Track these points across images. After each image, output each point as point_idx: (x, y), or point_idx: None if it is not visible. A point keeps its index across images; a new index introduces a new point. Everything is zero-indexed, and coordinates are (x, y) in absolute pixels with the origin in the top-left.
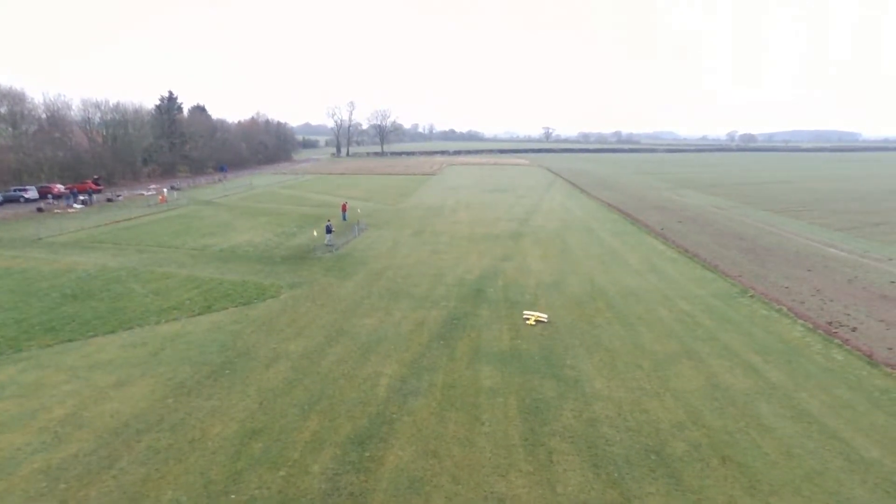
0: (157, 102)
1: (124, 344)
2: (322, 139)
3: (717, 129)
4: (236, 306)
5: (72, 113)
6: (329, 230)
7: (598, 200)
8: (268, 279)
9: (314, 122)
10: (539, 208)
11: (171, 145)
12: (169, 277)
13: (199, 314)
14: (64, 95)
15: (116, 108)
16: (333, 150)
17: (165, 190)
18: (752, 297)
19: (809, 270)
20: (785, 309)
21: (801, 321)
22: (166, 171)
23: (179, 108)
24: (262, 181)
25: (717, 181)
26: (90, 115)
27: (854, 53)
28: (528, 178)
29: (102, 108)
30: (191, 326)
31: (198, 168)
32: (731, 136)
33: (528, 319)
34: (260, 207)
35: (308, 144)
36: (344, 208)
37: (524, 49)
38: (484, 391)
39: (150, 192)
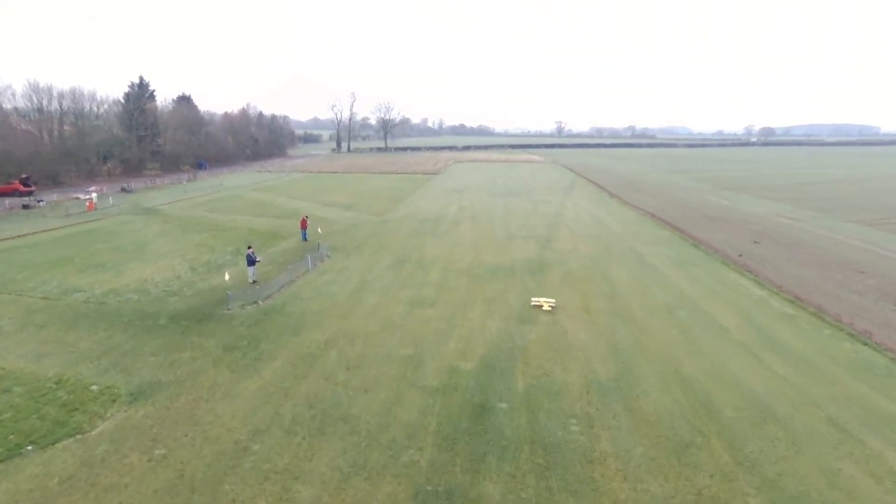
0: (126, 90)
1: None
2: (326, 133)
3: (730, 124)
4: None
5: (16, 100)
6: (251, 261)
7: (633, 207)
8: (107, 374)
9: (323, 117)
10: (563, 220)
11: (138, 139)
12: None
13: None
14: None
15: (72, 94)
16: (334, 145)
17: (95, 195)
18: None
19: None
20: None
21: None
22: (131, 169)
23: (152, 97)
24: (236, 181)
25: (763, 182)
26: (40, 103)
27: (865, 45)
28: (543, 177)
29: (55, 94)
30: None
31: (172, 164)
32: (748, 131)
33: (540, 306)
34: (207, 219)
35: (310, 139)
36: (303, 225)
37: (535, 43)
38: None
39: (87, 196)
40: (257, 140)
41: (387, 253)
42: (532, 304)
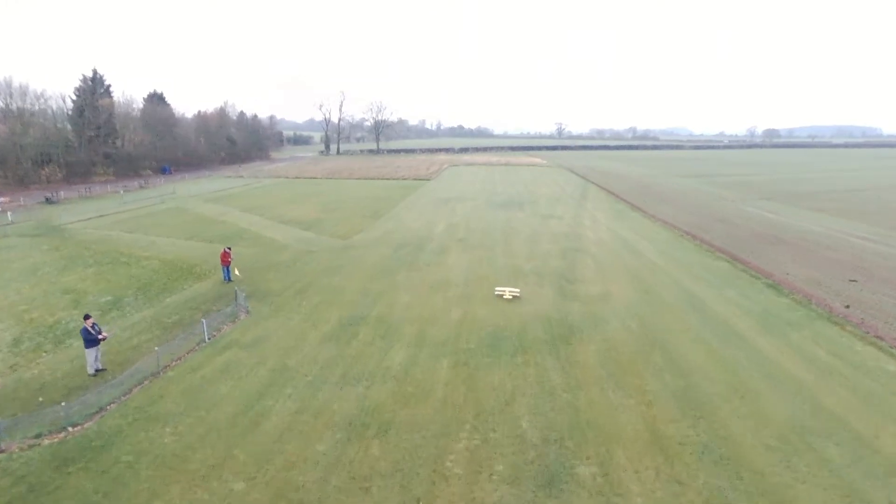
0: (78, 84)
1: None
2: (318, 135)
3: (732, 125)
4: None
5: None
6: (91, 341)
7: (663, 223)
8: None
9: (319, 118)
10: (582, 243)
11: (88, 140)
12: None
13: None
14: None
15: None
16: (323, 147)
17: None
18: None
19: None
20: None
21: None
22: (77, 174)
23: (107, 92)
24: (195, 188)
25: (796, 188)
26: None
27: (865, 46)
28: (549, 183)
29: None
30: None
31: (130, 169)
32: (751, 132)
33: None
34: (116, 243)
35: (300, 140)
36: (224, 260)
37: (534, 43)
38: None
39: None
40: (235, 142)
41: (335, 304)
42: (496, 293)
